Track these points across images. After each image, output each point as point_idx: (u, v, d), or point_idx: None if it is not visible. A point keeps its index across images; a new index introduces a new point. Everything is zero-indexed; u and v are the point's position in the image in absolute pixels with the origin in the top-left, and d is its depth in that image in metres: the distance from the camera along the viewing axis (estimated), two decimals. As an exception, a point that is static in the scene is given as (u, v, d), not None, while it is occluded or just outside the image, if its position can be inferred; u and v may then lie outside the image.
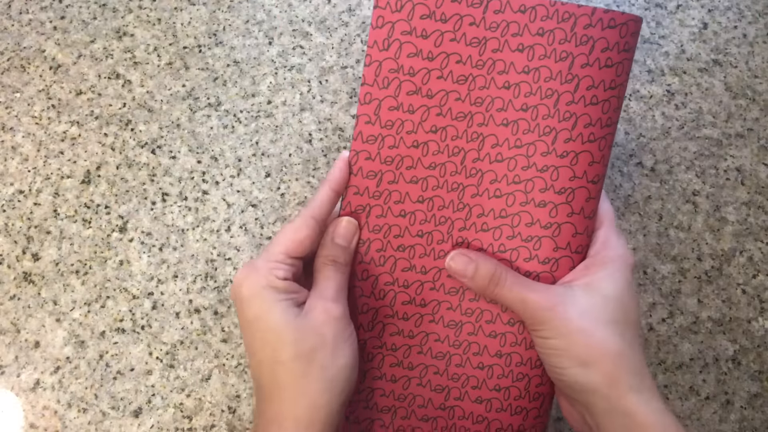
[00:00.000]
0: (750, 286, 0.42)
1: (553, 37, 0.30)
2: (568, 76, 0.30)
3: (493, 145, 0.31)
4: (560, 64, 0.30)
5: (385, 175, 0.32)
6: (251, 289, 0.29)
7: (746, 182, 0.45)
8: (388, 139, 0.32)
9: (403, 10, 0.31)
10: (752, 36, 0.49)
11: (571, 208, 0.31)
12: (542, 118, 0.31)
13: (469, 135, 0.32)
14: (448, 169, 0.32)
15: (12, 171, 0.46)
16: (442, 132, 0.32)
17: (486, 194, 0.32)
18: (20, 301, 0.42)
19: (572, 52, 0.30)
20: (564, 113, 0.31)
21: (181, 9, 0.50)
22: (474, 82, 0.31)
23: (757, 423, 0.39)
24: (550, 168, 0.31)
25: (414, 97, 0.31)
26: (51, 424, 0.40)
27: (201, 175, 0.45)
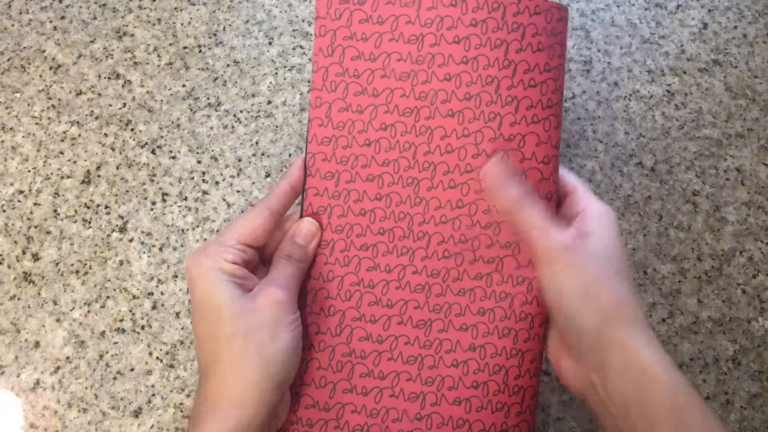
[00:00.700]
0: (750, 286, 0.42)
1: (486, 26, 0.31)
2: (504, 62, 0.31)
3: (442, 136, 0.32)
4: (496, 51, 0.31)
5: (342, 174, 0.33)
6: (199, 270, 0.30)
7: (746, 182, 0.45)
8: (341, 140, 0.33)
9: (342, 17, 0.32)
10: (752, 36, 0.49)
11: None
12: (485, 104, 0.32)
13: (418, 129, 0.32)
14: (402, 165, 0.33)
15: (12, 171, 0.46)
16: (392, 129, 0.32)
17: (441, 186, 0.32)
18: (20, 301, 0.42)
19: (506, 39, 0.31)
20: (506, 98, 0.31)
21: (181, 9, 0.50)
22: (416, 77, 0.32)
23: (757, 423, 0.39)
24: (499, 153, 0.32)
25: (361, 97, 0.32)
26: (51, 424, 0.40)
27: (201, 175, 0.45)
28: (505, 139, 0.32)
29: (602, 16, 0.49)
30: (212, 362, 0.29)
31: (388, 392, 0.32)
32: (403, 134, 0.32)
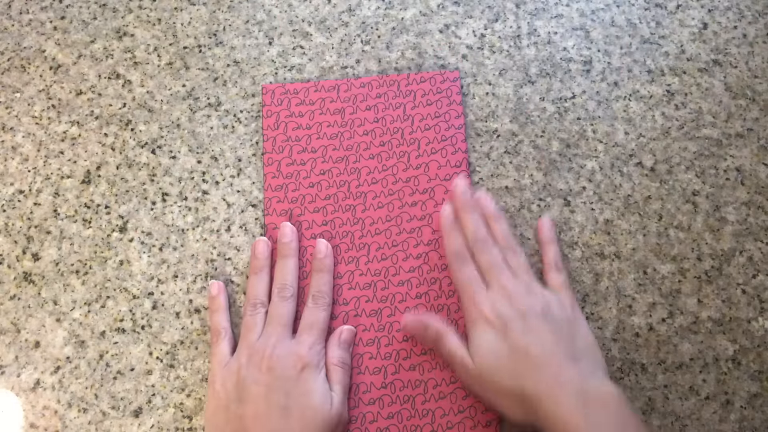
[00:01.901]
0: (750, 286, 0.42)
1: (388, 96, 0.46)
2: (404, 116, 0.45)
3: (368, 173, 0.44)
4: (398, 110, 0.46)
5: (294, 210, 0.43)
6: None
7: (746, 182, 0.45)
8: (290, 185, 0.44)
9: (283, 103, 0.46)
10: (752, 36, 0.49)
11: (435, 201, 0.44)
12: (396, 147, 0.45)
13: (349, 170, 0.44)
14: (340, 197, 0.44)
15: (12, 171, 0.46)
16: (329, 172, 0.44)
17: (371, 207, 0.43)
18: (20, 301, 0.42)
19: (403, 102, 0.46)
20: (409, 140, 0.45)
21: (181, 9, 0.50)
22: (342, 136, 0.45)
23: (757, 423, 0.39)
24: (411, 178, 0.44)
25: (303, 154, 0.45)
26: (51, 424, 0.40)
27: (201, 175, 0.45)
28: (413, 168, 0.44)
29: (602, 16, 0.49)
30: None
31: (355, 371, 0.40)
32: (338, 175, 0.44)
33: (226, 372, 0.37)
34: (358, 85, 0.46)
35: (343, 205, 0.43)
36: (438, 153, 0.44)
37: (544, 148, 0.46)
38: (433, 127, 0.45)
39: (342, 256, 0.42)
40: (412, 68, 0.48)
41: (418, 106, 0.45)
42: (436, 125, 0.45)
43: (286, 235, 0.42)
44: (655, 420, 0.39)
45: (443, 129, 0.45)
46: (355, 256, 0.42)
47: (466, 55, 0.48)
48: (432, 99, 0.46)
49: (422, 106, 0.45)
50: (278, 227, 0.43)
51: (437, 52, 0.48)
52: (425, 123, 0.45)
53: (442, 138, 0.45)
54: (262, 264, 0.41)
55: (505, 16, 0.50)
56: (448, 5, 0.50)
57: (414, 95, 0.46)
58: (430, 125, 0.45)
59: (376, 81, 0.46)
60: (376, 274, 0.42)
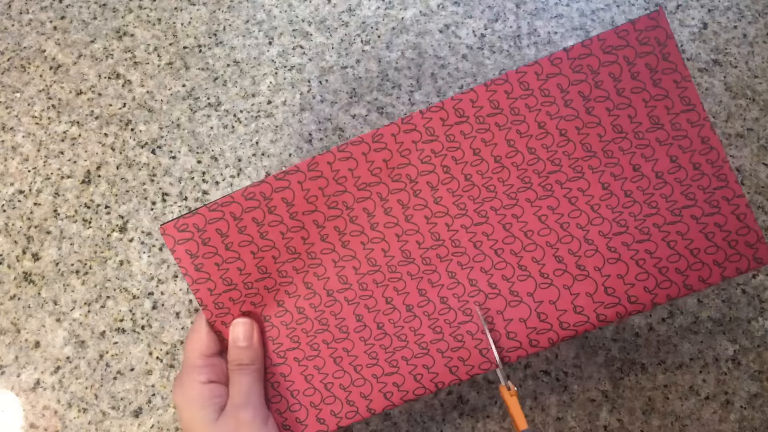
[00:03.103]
0: (750, 286, 0.42)
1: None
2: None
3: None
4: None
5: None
6: (182, 401, 0.32)
7: (746, 182, 0.45)
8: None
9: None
10: (752, 36, 0.49)
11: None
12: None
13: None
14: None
15: (12, 171, 0.46)
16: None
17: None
18: (20, 301, 0.42)
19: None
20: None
21: (181, 9, 0.50)
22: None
23: (757, 423, 0.39)
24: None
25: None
26: (51, 424, 0.40)
27: (201, 175, 0.45)
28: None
29: (602, 16, 0.49)
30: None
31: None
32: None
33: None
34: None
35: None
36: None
37: (544, 148, 0.46)
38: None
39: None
40: (412, 68, 0.48)
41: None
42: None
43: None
44: (655, 420, 0.39)
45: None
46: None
47: (466, 55, 0.48)
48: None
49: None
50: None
51: (437, 52, 0.48)
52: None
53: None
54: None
55: (505, 16, 0.50)
56: (448, 5, 0.50)
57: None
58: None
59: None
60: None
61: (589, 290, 0.34)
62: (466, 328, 0.33)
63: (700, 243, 0.33)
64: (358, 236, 0.35)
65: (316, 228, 0.35)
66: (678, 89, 0.33)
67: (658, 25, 0.33)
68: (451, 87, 0.47)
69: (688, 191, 0.33)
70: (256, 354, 0.34)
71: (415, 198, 0.35)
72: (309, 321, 0.35)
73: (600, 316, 0.33)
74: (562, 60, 0.33)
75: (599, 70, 0.33)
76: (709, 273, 0.33)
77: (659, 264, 0.33)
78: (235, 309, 0.35)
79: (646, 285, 0.33)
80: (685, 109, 0.33)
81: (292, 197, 0.34)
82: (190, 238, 0.34)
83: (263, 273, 0.35)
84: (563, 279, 0.34)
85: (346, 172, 0.34)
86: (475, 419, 0.40)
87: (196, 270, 0.34)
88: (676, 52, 0.33)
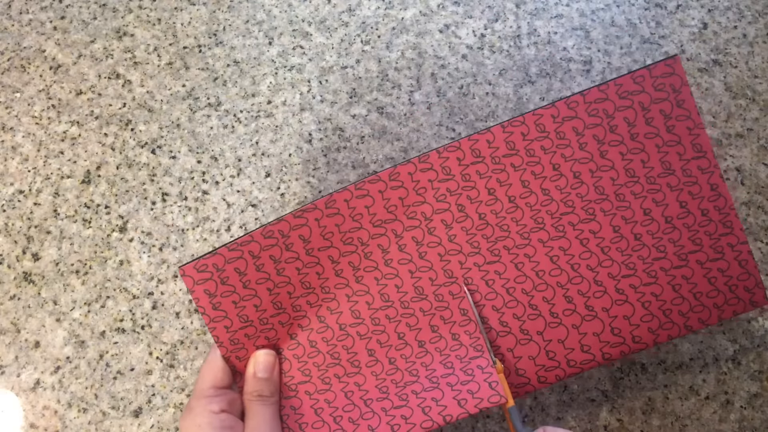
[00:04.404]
0: (750, 286, 0.42)
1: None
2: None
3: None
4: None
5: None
6: (191, 428, 0.31)
7: (746, 182, 0.45)
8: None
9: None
10: (752, 36, 0.49)
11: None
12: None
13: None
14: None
15: (12, 171, 0.46)
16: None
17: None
18: (20, 301, 0.42)
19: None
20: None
21: (181, 9, 0.50)
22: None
23: (757, 423, 0.39)
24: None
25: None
26: (51, 424, 0.40)
27: (201, 175, 0.45)
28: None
29: (602, 16, 0.49)
30: None
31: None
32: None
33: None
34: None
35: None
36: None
37: (544, 148, 0.46)
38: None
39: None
40: (412, 68, 0.48)
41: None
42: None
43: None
44: (655, 420, 0.39)
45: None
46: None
47: (466, 55, 0.48)
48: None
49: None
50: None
51: (437, 52, 0.48)
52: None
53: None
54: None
55: (505, 16, 0.50)
56: (448, 5, 0.50)
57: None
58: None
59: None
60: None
61: (596, 330, 0.34)
62: (476, 363, 0.33)
63: (703, 287, 0.34)
64: (372, 272, 0.35)
65: (330, 263, 0.35)
66: (690, 136, 0.34)
67: (674, 73, 0.34)
68: (450, 87, 0.47)
69: (695, 237, 0.34)
70: (276, 386, 0.34)
71: (430, 235, 0.35)
72: (321, 355, 0.35)
73: (605, 354, 0.34)
74: (579, 104, 0.34)
75: (614, 115, 0.34)
76: (709, 315, 0.34)
77: (663, 306, 0.34)
78: (249, 344, 0.35)
79: (650, 326, 0.34)
80: (697, 155, 0.34)
81: (308, 234, 0.35)
82: (209, 278, 0.34)
83: (278, 308, 0.35)
84: (572, 319, 0.34)
85: (362, 210, 0.35)
86: (475, 419, 0.40)
87: (213, 309, 0.34)
88: (690, 100, 0.34)
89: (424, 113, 0.47)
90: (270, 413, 0.33)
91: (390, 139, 0.46)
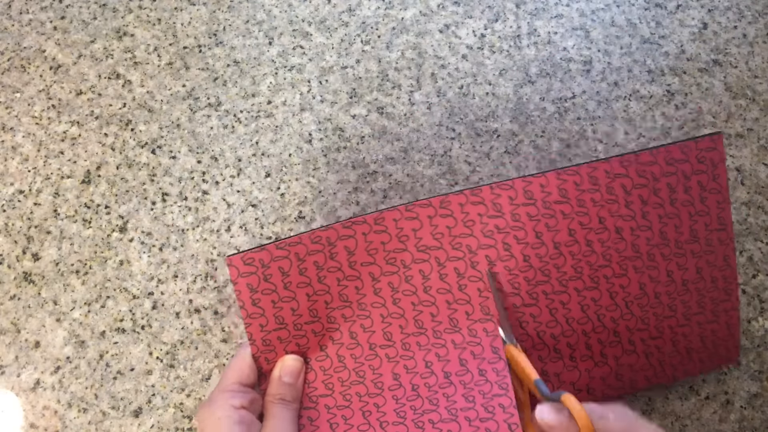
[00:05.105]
0: (750, 286, 0.42)
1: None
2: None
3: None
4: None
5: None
6: (212, 421, 0.31)
7: (746, 182, 0.45)
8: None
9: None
10: (752, 36, 0.49)
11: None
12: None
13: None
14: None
15: (12, 171, 0.46)
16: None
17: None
18: (20, 301, 0.42)
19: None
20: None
21: (181, 9, 0.50)
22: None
23: (757, 423, 0.39)
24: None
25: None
26: (51, 424, 0.40)
27: (201, 175, 0.45)
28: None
29: (602, 16, 0.49)
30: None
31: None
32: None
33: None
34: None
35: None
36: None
37: (544, 148, 0.46)
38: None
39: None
40: (412, 68, 0.48)
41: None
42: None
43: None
44: (655, 420, 0.39)
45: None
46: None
47: (466, 55, 0.48)
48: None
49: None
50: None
51: (437, 52, 0.48)
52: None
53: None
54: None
55: (505, 16, 0.50)
56: (448, 5, 0.50)
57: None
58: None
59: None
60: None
61: (604, 375, 0.36)
62: (498, 401, 0.33)
63: (696, 344, 0.37)
64: (410, 296, 0.35)
65: (371, 280, 0.35)
66: (718, 209, 0.36)
67: (716, 148, 0.36)
68: (450, 87, 0.47)
69: (702, 300, 0.37)
70: (298, 393, 0.34)
71: (472, 269, 0.35)
72: (347, 371, 0.35)
73: (605, 396, 0.36)
74: (631, 163, 0.35)
75: (660, 179, 0.35)
76: (692, 368, 0.38)
77: (661, 358, 0.37)
78: (280, 348, 0.35)
79: (647, 374, 0.37)
80: (719, 228, 0.36)
81: (354, 246, 0.35)
82: (253, 272, 0.34)
83: (314, 316, 0.35)
84: (587, 364, 0.36)
85: (409, 232, 0.35)
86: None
87: (252, 304, 0.35)
88: (724, 176, 0.36)
89: (424, 113, 0.47)
90: (289, 417, 0.33)
91: (390, 139, 0.46)
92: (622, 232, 0.36)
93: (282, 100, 0.47)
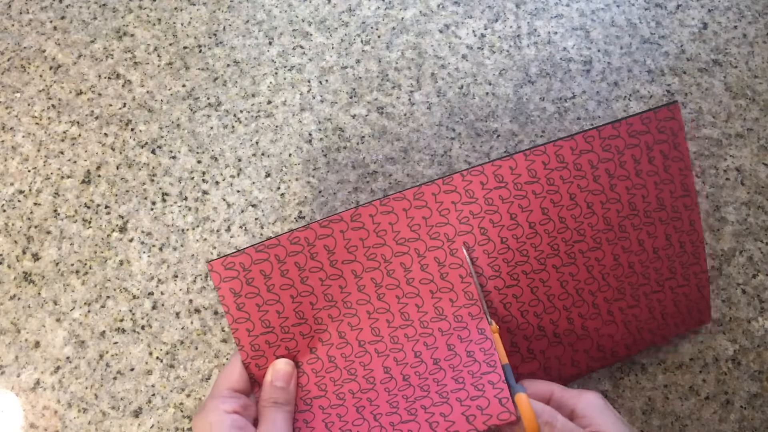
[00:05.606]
0: (750, 286, 0.42)
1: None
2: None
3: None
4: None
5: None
6: (201, 426, 0.31)
7: (746, 182, 0.45)
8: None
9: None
10: (752, 36, 0.49)
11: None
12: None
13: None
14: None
15: (12, 171, 0.46)
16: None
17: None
18: (20, 301, 0.42)
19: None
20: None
21: (181, 9, 0.50)
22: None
23: (757, 423, 0.39)
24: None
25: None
26: (51, 424, 0.40)
27: (201, 175, 0.45)
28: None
29: (602, 16, 0.49)
30: None
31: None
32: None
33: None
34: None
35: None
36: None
37: (544, 148, 0.46)
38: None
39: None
40: (412, 68, 0.48)
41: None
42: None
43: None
44: (655, 420, 0.39)
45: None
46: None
47: (466, 55, 0.48)
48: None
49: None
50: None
51: (437, 52, 0.48)
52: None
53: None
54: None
55: (505, 16, 0.50)
56: (448, 5, 0.50)
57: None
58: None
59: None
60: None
61: (587, 347, 0.37)
62: (488, 378, 0.33)
63: (670, 309, 0.38)
64: (394, 290, 0.36)
65: (354, 278, 0.36)
66: (681, 176, 0.37)
67: (674, 117, 0.37)
68: (451, 87, 0.47)
69: (672, 266, 0.38)
70: (291, 397, 0.34)
71: (452, 257, 0.36)
72: (338, 370, 0.35)
73: (589, 368, 0.38)
74: (595, 138, 0.36)
75: (624, 151, 0.36)
76: (668, 332, 0.39)
77: (639, 325, 0.38)
78: (269, 352, 0.35)
79: (626, 342, 0.38)
80: (683, 194, 0.38)
81: (333, 245, 0.35)
82: (235, 276, 0.34)
83: (300, 318, 0.35)
84: (570, 338, 0.37)
85: (386, 226, 0.35)
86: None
87: (237, 309, 0.35)
88: (684, 144, 0.37)
89: (424, 113, 0.47)
90: (282, 418, 0.33)
91: (390, 139, 0.46)
92: (593, 206, 0.36)
93: (282, 100, 0.47)
